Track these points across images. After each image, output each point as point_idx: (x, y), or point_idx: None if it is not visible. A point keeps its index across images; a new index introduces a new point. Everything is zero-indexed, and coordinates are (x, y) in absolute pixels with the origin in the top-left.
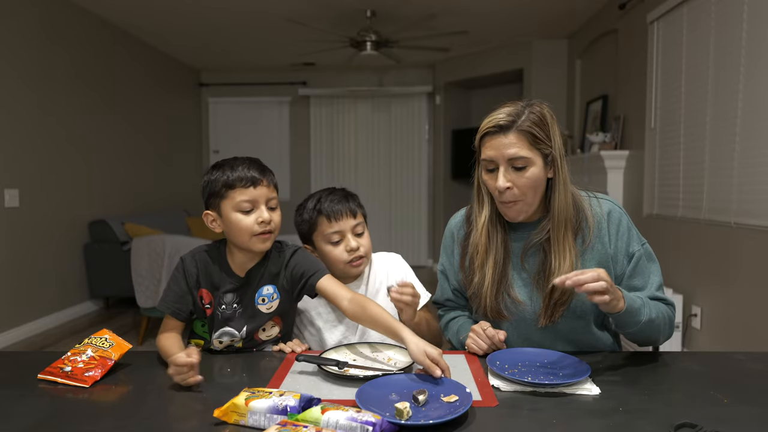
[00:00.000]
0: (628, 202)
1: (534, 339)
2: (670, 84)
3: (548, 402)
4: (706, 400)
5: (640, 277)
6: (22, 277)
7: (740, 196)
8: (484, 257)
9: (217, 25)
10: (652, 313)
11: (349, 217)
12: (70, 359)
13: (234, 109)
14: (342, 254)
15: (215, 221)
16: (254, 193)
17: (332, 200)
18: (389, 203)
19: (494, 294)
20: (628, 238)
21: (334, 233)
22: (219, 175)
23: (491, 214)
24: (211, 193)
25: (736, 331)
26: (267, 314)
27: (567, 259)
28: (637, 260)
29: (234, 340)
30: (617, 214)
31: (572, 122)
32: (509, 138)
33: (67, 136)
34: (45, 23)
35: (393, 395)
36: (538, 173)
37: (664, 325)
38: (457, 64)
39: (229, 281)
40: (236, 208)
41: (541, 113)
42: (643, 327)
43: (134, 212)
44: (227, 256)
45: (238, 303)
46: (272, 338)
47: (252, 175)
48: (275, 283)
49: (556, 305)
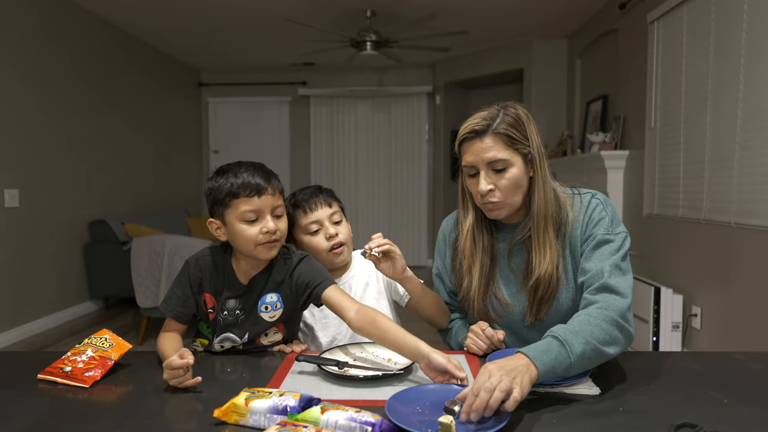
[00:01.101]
0: (628, 202)
1: (524, 337)
2: (670, 84)
3: (548, 402)
4: (706, 400)
5: (596, 261)
6: (22, 277)
7: (740, 196)
8: (471, 261)
9: (217, 25)
10: (576, 349)
11: (325, 207)
12: (70, 359)
13: (234, 109)
14: (322, 242)
15: (220, 229)
16: (259, 203)
17: (305, 193)
18: (389, 203)
19: (481, 297)
20: (597, 224)
21: (312, 223)
22: (223, 183)
23: (476, 219)
24: (215, 201)
25: (736, 331)
26: (269, 322)
27: (547, 256)
28: (597, 244)
29: (235, 345)
30: (594, 203)
31: (572, 122)
32: (486, 142)
33: (67, 136)
34: (45, 23)
35: (418, 409)
36: (518, 173)
37: (604, 342)
38: (457, 64)
39: (232, 288)
40: (240, 218)
41: (516, 114)
42: (577, 367)
43: (134, 212)
44: (232, 262)
45: (240, 310)
46: (275, 343)
47: (257, 184)
48: (279, 291)
49: (540, 303)
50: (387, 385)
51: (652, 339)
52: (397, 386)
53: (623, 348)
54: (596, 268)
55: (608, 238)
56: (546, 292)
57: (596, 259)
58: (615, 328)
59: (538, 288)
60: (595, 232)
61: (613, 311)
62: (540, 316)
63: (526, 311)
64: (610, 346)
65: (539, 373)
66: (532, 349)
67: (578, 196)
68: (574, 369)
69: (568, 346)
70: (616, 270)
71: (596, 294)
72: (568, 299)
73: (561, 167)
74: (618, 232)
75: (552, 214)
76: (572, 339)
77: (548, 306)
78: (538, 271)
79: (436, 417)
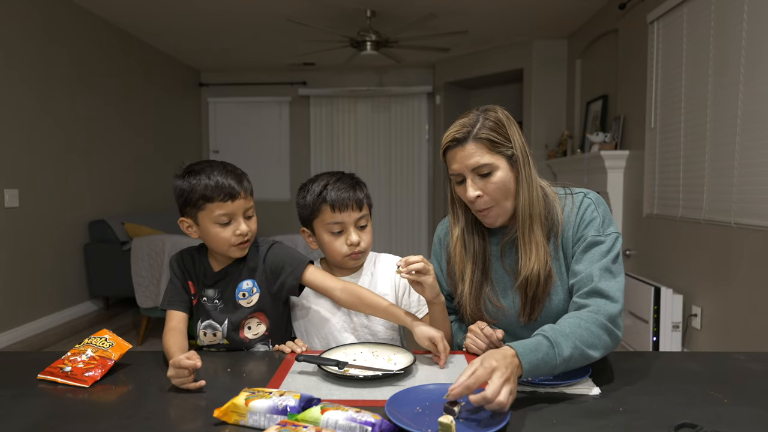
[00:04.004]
0: (628, 202)
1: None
2: (670, 84)
3: (548, 402)
4: (706, 400)
5: (586, 263)
6: (22, 277)
7: (740, 196)
8: (462, 268)
9: (217, 25)
10: (565, 352)
11: (355, 210)
12: (70, 359)
13: (234, 109)
14: (342, 247)
15: (191, 227)
16: (232, 206)
17: (339, 188)
18: (389, 203)
19: (474, 302)
20: (588, 224)
21: (336, 224)
22: (196, 184)
23: (466, 225)
24: (187, 202)
25: (736, 331)
26: (248, 308)
27: (533, 255)
28: (587, 245)
29: (216, 333)
30: (586, 203)
31: (572, 122)
32: (468, 149)
33: (66, 136)
34: (45, 23)
35: (418, 409)
36: (504, 176)
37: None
38: (457, 64)
39: (207, 277)
40: (214, 221)
41: (497, 117)
42: (561, 368)
43: (134, 212)
44: (208, 255)
45: (219, 299)
46: (259, 336)
47: (231, 188)
48: (254, 277)
49: (533, 303)
50: (387, 385)
51: (652, 339)
52: (397, 386)
53: (609, 351)
54: (586, 271)
55: (599, 239)
56: (537, 291)
57: (586, 262)
58: (604, 332)
59: (528, 287)
60: (586, 234)
61: (603, 315)
62: (534, 316)
63: (520, 311)
64: (596, 350)
65: (523, 371)
66: (521, 346)
67: (570, 196)
68: (558, 370)
69: (557, 348)
70: (606, 273)
71: (587, 298)
72: (563, 300)
73: (561, 167)
74: (609, 233)
75: (539, 213)
76: (562, 341)
77: (542, 306)
78: (525, 270)
79: (436, 417)
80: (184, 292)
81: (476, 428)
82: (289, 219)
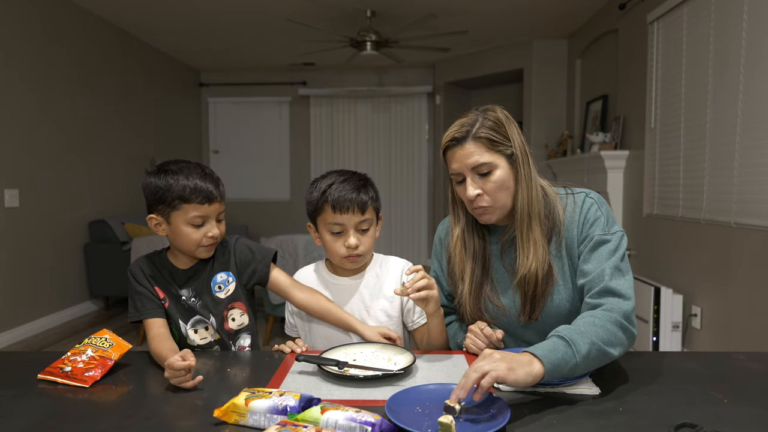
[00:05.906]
0: (628, 202)
1: (520, 337)
2: (670, 84)
3: (548, 402)
4: (706, 400)
5: (595, 263)
6: (22, 277)
7: (740, 196)
8: (462, 267)
9: (217, 25)
10: (582, 349)
11: (357, 213)
12: (70, 359)
13: (234, 109)
14: (340, 248)
15: (160, 225)
16: (208, 209)
17: (343, 189)
18: (389, 203)
19: (474, 302)
20: (593, 224)
21: (336, 224)
22: (173, 184)
23: (466, 225)
24: (160, 200)
25: (736, 331)
26: (226, 299)
27: (531, 254)
28: (594, 245)
29: (208, 327)
30: (588, 203)
31: (572, 122)
32: (467, 148)
33: (66, 136)
34: (45, 23)
35: (418, 409)
36: (503, 175)
37: (608, 343)
38: (457, 64)
39: (176, 279)
40: (188, 222)
41: (496, 117)
42: (582, 367)
43: (134, 212)
44: (170, 259)
45: (196, 297)
46: (244, 326)
47: (209, 191)
48: (227, 269)
49: (533, 302)
50: (387, 385)
51: (652, 339)
52: (397, 386)
53: (626, 349)
54: (596, 271)
55: (605, 238)
56: (536, 290)
57: (595, 261)
58: (619, 329)
59: (527, 286)
60: (592, 233)
61: (617, 313)
62: (534, 315)
63: (520, 311)
64: (615, 347)
65: (545, 371)
66: (539, 348)
67: (571, 196)
68: (579, 369)
69: (574, 346)
70: (616, 272)
71: (599, 297)
72: (564, 300)
73: (561, 167)
74: (614, 231)
75: (538, 212)
76: (578, 339)
77: (542, 305)
78: (522, 268)
79: (436, 417)
80: (155, 299)
81: (476, 428)
82: (289, 219)
